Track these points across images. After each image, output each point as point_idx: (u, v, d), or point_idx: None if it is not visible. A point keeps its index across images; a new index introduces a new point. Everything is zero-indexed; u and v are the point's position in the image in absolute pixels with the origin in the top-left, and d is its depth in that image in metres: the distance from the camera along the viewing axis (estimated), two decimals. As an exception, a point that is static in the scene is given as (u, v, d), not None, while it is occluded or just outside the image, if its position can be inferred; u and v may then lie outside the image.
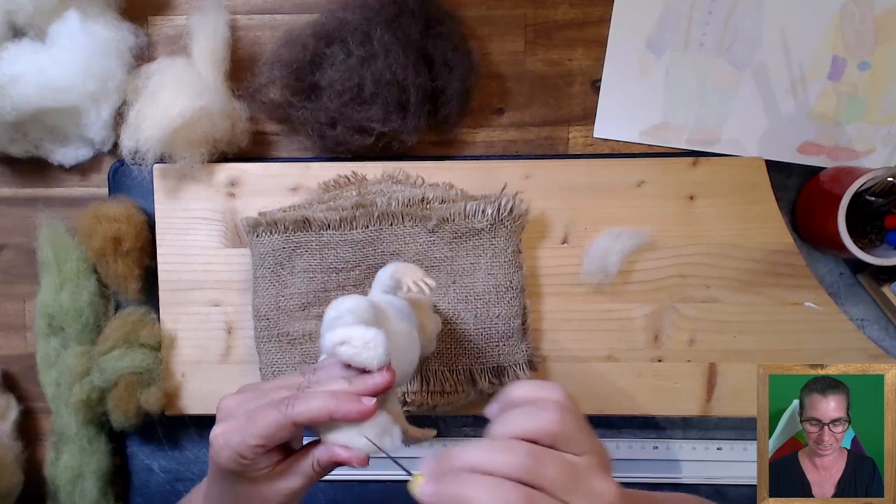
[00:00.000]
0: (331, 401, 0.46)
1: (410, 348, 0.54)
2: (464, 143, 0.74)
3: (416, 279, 0.56)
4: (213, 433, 0.49)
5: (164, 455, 0.76)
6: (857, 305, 0.72)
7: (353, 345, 0.47)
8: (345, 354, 0.47)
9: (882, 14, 0.70)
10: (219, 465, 0.49)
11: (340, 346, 0.47)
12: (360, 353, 0.47)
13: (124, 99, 0.71)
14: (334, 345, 0.47)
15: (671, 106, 0.72)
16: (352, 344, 0.47)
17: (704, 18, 0.71)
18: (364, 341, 0.47)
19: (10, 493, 0.71)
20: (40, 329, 0.72)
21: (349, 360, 0.47)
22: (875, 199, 0.66)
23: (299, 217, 0.69)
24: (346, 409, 0.46)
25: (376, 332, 0.48)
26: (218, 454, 0.49)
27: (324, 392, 0.47)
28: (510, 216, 0.68)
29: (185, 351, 0.72)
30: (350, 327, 0.48)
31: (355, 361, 0.47)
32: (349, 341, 0.47)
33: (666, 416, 0.72)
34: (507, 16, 0.73)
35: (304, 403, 0.47)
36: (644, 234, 0.70)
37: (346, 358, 0.47)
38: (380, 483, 0.75)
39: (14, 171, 0.76)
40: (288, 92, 0.70)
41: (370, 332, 0.47)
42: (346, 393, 0.47)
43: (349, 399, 0.47)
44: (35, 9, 0.69)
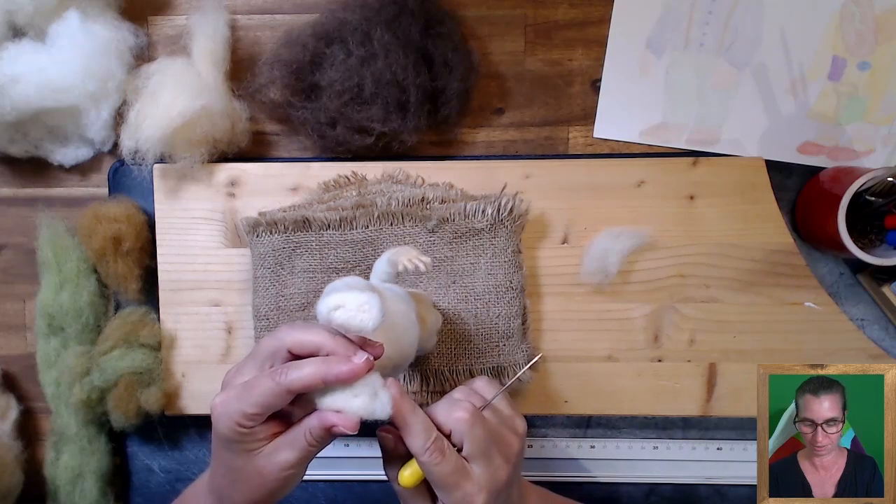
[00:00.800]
0: (322, 365, 0.48)
1: (409, 328, 0.54)
2: (464, 143, 0.74)
3: (410, 257, 0.55)
4: (213, 402, 0.50)
5: (164, 455, 0.76)
6: (857, 305, 0.72)
7: (347, 308, 0.47)
8: (339, 318, 0.47)
9: (882, 14, 0.70)
10: (219, 435, 0.50)
11: (335, 312, 0.47)
12: (355, 317, 0.47)
13: (124, 99, 0.71)
14: (329, 310, 0.47)
15: (671, 106, 0.72)
16: (346, 308, 0.47)
17: (704, 18, 0.71)
18: (358, 304, 0.47)
19: (10, 493, 0.71)
20: (40, 329, 0.72)
21: (344, 325, 0.47)
22: (875, 199, 0.66)
23: (299, 217, 0.69)
24: (337, 371, 0.47)
25: (370, 295, 0.47)
26: (217, 422, 0.50)
27: (315, 358, 0.48)
28: (510, 216, 0.68)
29: (185, 351, 0.72)
30: (344, 292, 0.48)
31: (350, 325, 0.47)
32: (343, 305, 0.47)
33: (666, 416, 0.72)
34: (507, 16, 0.73)
35: (296, 371, 0.48)
36: (644, 234, 0.70)
37: (341, 322, 0.47)
38: (380, 483, 0.75)
39: (14, 171, 0.76)
40: (288, 92, 0.70)
41: (364, 295, 0.47)
42: (337, 357, 0.48)
43: (339, 360, 0.48)
44: (35, 9, 0.69)
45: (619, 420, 0.74)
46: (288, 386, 0.47)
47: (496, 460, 0.53)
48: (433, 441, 0.51)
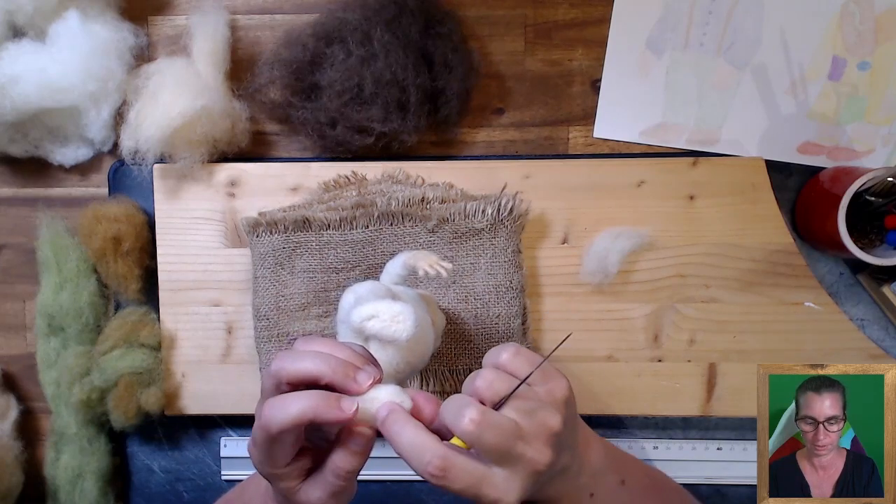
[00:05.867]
0: (308, 405, 0.45)
1: (426, 332, 0.54)
2: (464, 143, 0.74)
3: (431, 263, 0.55)
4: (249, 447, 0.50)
5: (164, 455, 0.76)
6: (857, 305, 0.72)
7: (381, 318, 0.47)
8: (373, 328, 0.47)
9: (882, 14, 0.70)
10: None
11: (368, 322, 0.47)
12: (389, 327, 0.47)
13: (124, 99, 0.71)
14: (362, 320, 0.47)
15: (671, 106, 0.72)
16: (380, 318, 0.47)
17: (704, 18, 0.71)
18: (392, 314, 0.47)
19: (10, 493, 0.71)
20: (40, 329, 0.72)
21: (377, 334, 0.47)
22: (875, 199, 0.66)
23: (299, 217, 0.69)
24: (325, 418, 0.45)
25: (403, 305, 0.48)
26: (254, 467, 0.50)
27: (303, 398, 0.45)
28: (510, 216, 0.68)
29: (185, 351, 0.72)
30: (377, 301, 0.48)
31: (384, 335, 0.47)
32: (377, 315, 0.47)
33: (666, 416, 0.72)
34: (507, 16, 0.73)
35: (280, 412, 0.45)
36: (644, 234, 0.70)
37: (374, 332, 0.47)
38: (380, 483, 0.75)
39: (14, 171, 0.76)
40: (288, 92, 0.70)
41: (397, 306, 0.47)
42: (326, 403, 0.45)
43: (328, 406, 0.45)
44: (35, 9, 0.69)
45: (619, 420, 0.74)
46: (278, 431, 0.45)
47: (527, 452, 0.48)
48: (426, 469, 0.46)
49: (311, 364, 0.46)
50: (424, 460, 0.45)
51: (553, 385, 0.51)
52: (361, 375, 0.46)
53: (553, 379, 0.52)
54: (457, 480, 0.46)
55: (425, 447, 0.46)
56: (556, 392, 0.51)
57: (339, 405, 0.45)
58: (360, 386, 0.46)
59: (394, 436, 0.46)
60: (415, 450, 0.46)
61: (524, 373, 0.50)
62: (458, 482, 0.46)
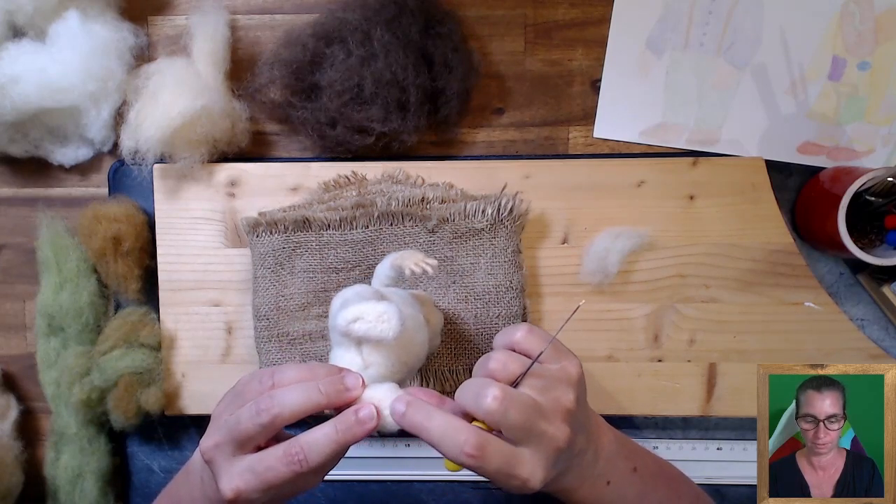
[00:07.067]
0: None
1: (419, 331, 0.54)
2: (464, 143, 0.74)
3: (416, 261, 0.55)
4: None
5: (164, 455, 0.76)
6: (857, 305, 0.72)
7: (366, 319, 0.47)
8: (359, 330, 0.47)
9: (882, 14, 0.70)
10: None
11: (354, 324, 0.47)
12: (375, 327, 0.47)
13: (124, 99, 0.72)
14: (347, 322, 0.47)
15: (671, 106, 0.72)
16: (365, 319, 0.47)
17: (704, 18, 0.71)
18: (377, 314, 0.47)
19: (10, 493, 0.71)
20: (40, 329, 0.72)
21: (364, 336, 0.47)
22: (875, 199, 0.66)
23: (299, 217, 0.69)
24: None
25: (388, 304, 0.48)
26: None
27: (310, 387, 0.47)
28: (510, 216, 0.68)
29: (185, 351, 0.72)
30: (361, 303, 0.48)
31: (370, 336, 0.47)
32: (362, 316, 0.47)
33: (666, 416, 0.72)
34: (507, 16, 0.73)
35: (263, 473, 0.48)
36: (644, 234, 0.70)
37: (360, 334, 0.47)
38: (380, 483, 0.75)
39: (14, 171, 0.76)
40: (288, 92, 0.70)
41: (382, 305, 0.47)
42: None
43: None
44: (35, 9, 0.69)
45: (618, 420, 0.74)
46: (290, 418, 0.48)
47: (548, 430, 0.48)
48: (463, 449, 0.46)
49: (302, 398, 0.47)
50: (460, 441, 0.45)
51: (567, 363, 0.52)
52: (348, 379, 0.47)
53: (566, 357, 0.52)
54: (492, 461, 0.46)
55: (459, 429, 0.46)
56: (569, 369, 0.51)
57: (344, 385, 0.47)
58: (352, 392, 0.47)
59: (422, 422, 0.46)
60: (448, 433, 0.46)
61: (538, 351, 0.50)
62: (493, 462, 0.46)
